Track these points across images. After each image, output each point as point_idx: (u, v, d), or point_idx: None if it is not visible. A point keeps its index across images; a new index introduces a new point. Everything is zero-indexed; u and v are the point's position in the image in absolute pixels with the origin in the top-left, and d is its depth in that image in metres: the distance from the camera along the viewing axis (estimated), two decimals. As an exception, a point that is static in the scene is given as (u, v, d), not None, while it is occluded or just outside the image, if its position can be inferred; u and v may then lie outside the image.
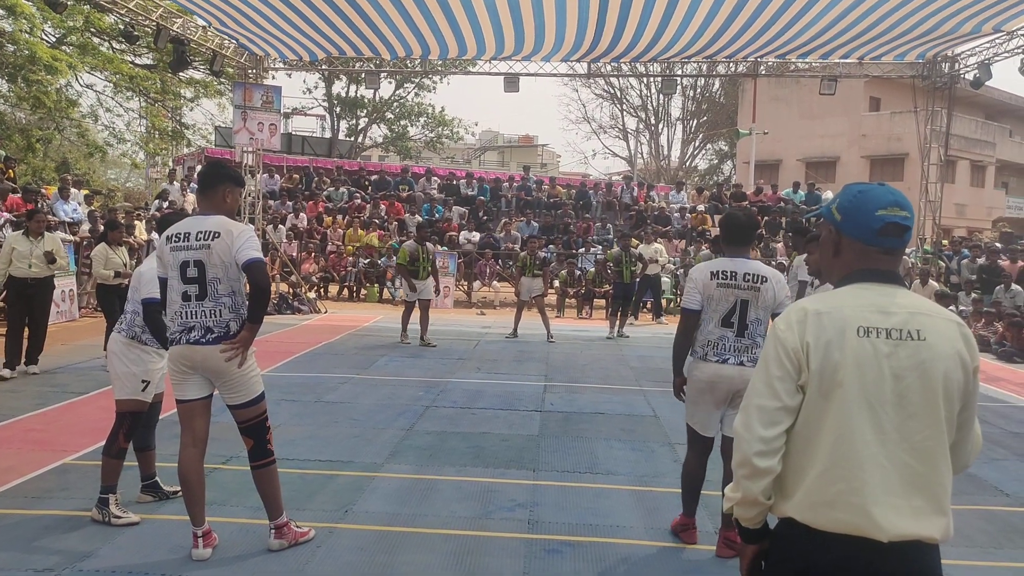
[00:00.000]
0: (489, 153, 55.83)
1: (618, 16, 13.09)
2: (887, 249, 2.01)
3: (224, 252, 3.94)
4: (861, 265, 2.03)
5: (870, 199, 2.02)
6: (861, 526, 1.86)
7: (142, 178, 34.22)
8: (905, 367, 1.90)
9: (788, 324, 1.99)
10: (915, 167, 22.86)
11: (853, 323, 1.92)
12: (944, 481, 1.92)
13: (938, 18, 12.96)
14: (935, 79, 17.13)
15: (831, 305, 1.97)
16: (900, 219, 1.99)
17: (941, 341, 1.93)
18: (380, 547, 4.35)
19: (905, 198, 2.04)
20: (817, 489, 1.91)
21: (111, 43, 24.61)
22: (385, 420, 7.15)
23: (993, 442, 7.11)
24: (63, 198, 15.06)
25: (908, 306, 1.96)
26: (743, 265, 4.26)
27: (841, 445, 1.90)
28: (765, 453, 1.93)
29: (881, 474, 1.87)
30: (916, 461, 1.89)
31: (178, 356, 4.03)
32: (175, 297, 4.01)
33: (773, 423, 1.94)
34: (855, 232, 2.03)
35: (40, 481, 5.24)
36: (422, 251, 11.70)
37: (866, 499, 1.86)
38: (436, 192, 22.32)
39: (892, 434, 1.89)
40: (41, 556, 4.07)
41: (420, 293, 11.71)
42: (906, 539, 1.86)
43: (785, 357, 1.95)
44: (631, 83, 41.86)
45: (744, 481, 1.97)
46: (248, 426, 4.15)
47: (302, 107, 37.86)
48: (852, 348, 1.90)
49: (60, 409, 7.21)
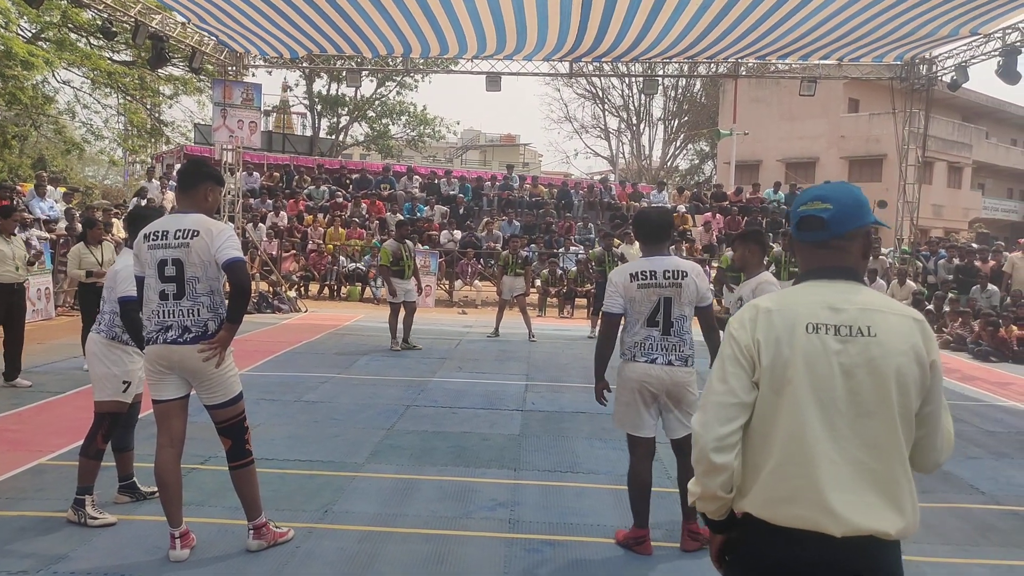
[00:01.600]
0: (471, 152, 55.80)
1: (601, 16, 13.11)
2: (815, 243, 2.04)
3: (203, 251, 3.90)
4: (808, 263, 2.07)
5: (799, 199, 2.11)
6: (814, 521, 1.88)
7: (120, 176, 33.89)
8: (855, 363, 1.91)
9: (741, 323, 2.02)
10: (893, 168, 23.08)
11: (802, 320, 1.95)
12: (899, 478, 1.93)
13: (917, 22, 13.09)
14: (913, 81, 17.31)
15: (783, 303, 2.00)
16: (815, 211, 2.02)
17: (893, 337, 1.93)
18: (360, 547, 4.33)
19: (836, 191, 2.05)
20: (771, 485, 1.93)
21: (89, 39, 24.37)
22: (366, 420, 7.12)
23: (968, 440, 7.19)
24: (39, 195, 14.89)
25: (860, 303, 1.97)
26: (661, 263, 4.25)
27: (793, 441, 1.92)
28: (721, 449, 1.95)
29: (833, 470, 1.89)
30: (869, 457, 1.90)
31: (155, 356, 3.99)
32: (152, 296, 3.96)
33: (729, 419, 1.96)
34: (793, 231, 2.12)
35: (15, 482, 5.18)
36: (404, 249, 11.24)
37: (819, 494, 1.88)
38: (418, 191, 22.27)
39: (844, 430, 1.90)
40: (16, 558, 4.02)
41: (406, 294, 11.23)
42: (860, 534, 1.87)
43: (739, 354, 1.98)
44: (613, 83, 42.01)
45: (702, 477, 2.00)
46: (226, 426, 4.11)
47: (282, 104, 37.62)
48: (801, 345, 1.93)
49: (36, 408, 7.13)
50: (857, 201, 2.04)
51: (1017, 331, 12.71)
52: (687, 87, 42.42)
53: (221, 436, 4.15)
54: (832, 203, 2.01)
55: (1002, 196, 43.56)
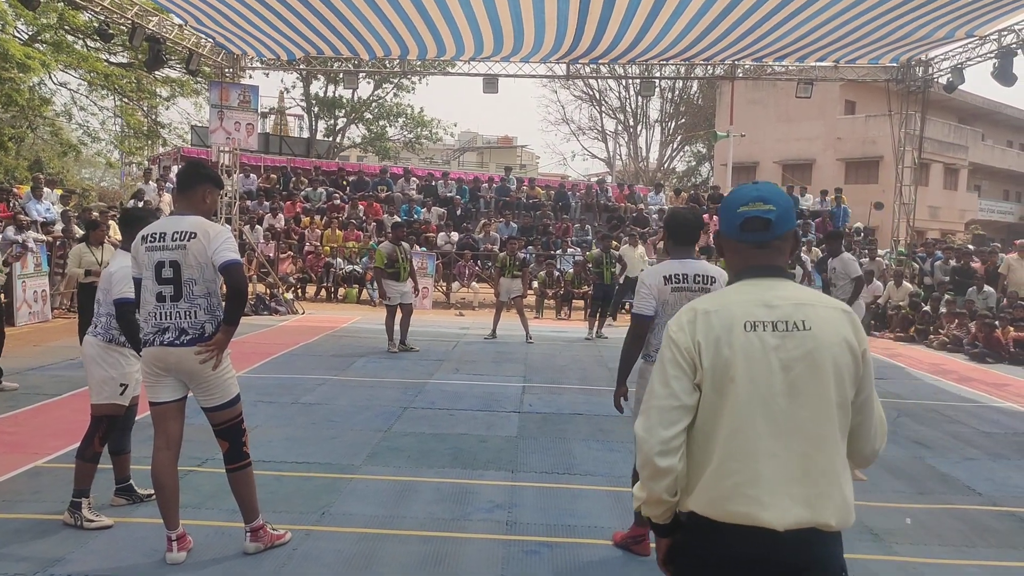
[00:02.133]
0: (468, 154, 55.82)
1: (599, 17, 13.12)
2: (757, 243, 2.07)
3: (200, 253, 3.89)
4: (744, 263, 2.09)
5: (735, 198, 2.10)
6: (757, 517, 1.90)
7: (117, 178, 33.84)
8: (793, 358, 1.94)
9: (680, 325, 2.03)
10: (889, 170, 23.13)
11: (740, 319, 1.97)
12: (839, 468, 1.96)
13: (913, 24, 13.12)
14: (909, 83, 17.36)
15: (719, 304, 2.03)
16: (760, 212, 2.04)
17: (826, 329, 1.97)
18: (358, 549, 4.32)
19: (775, 193, 2.08)
20: (714, 483, 1.95)
21: (85, 41, 24.34)
22: (363, 422, 7.11)
23: (965, 442, 7.20)
24: (36, 197, 14.85)
25: (792, 298, 2.01)
26: (692, 267, 4.21)
27: (735, 439, 1.94)
28: (665, 453, 1.96)
29: (775, 464, 1.91)
30: (810, 449, 1.93)
31: (152, 358, 3.98)
32: (149, 298, 3.95)
33: (672, 423, 1.97)
34: (726, 232, 2.12)
35: (11, 484, 5.17)
36: (400, 251, 11.18)
37: (760, 490, 1.90)
38: (415, 193, 22.27)
39: (785, 424, 1.93)
40: (12, 561, 4.01)
41: (402, 297, 11.17)
42: (802, 527, 1.90)
43: (680, 357, 1.99)
44: (610, 85, 42.07)
45: (648, 481, 2.00)
46: (223, 428, 4.11)
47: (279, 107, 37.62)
48: (740, 344, 1.95)
49: (32, 411, 7.11)
50: (791, 203, 2.13)
51: (1013, 332, 12.73)
52: (684, 89, 42.47)
53: (218, 438, 4.14)
54: (775, 205, 2.05)
55: (998, 198, 43.66)
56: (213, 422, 4.12)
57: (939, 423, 7.83)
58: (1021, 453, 6.92)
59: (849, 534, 4.75)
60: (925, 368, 11.57)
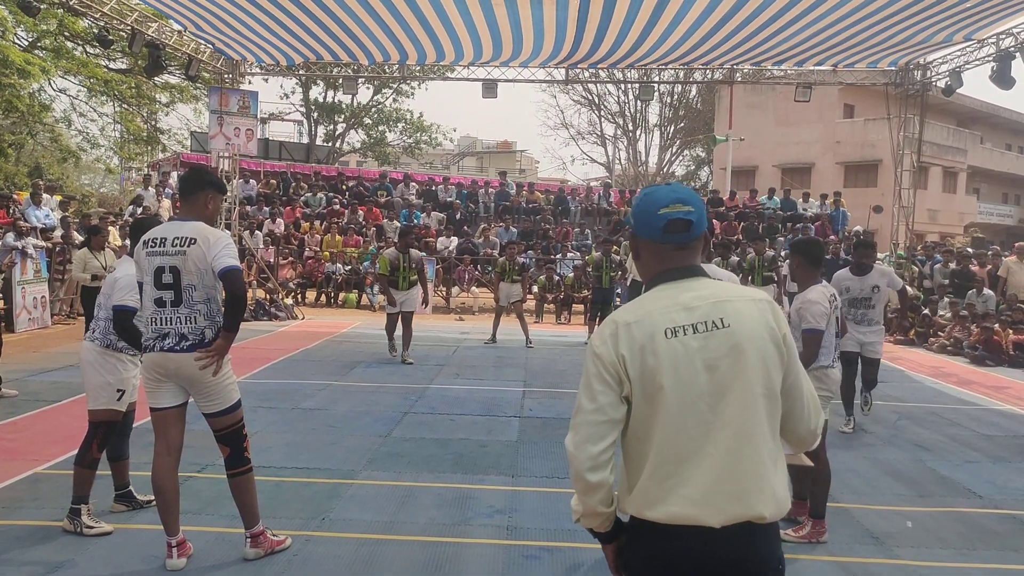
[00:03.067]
0: (468, 159, 55.83)
1: (598, 23, 13.14)
2: (677, 245, 2.08)
3: (199, 259, 3.88)
4: (660, 266, 2.10)
5: (654, 199, 2.09)
6: (692, 516, 1.93)
7: (116, 183, 33.86)
8: (716, 356, 1.96)
9: (602, 339, 2.04)
10: (888, 173, 23.14)
11: (660, 326, 1.98)
12: (768, 460, 1.98)
13: (912, 29, 13.14)
14: (907, 86, 17.37)
15: (639, 314, 2.03)
16: (682, 214, 2.05)
17: (746, 322, 2.00)
18: (358, 555, 4.32)
19: (691, 194, 2.10)
20: (651, 487, 1.98)
21: (85, 47, 24.37)
22: (363, 427, 7.11)
23: (966, 444, 7.19)
24: (35, 203, 14.86)
25: (710, 296, 2.02)
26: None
27: (667, 443, 1.96)
28: (595, 468, 1.98)
29: (707, 463, 1.94)
30: (739, 445, 1.95)
31: (152, 364, 3.98)
32: (148, 303, 3.97)
33: (600, 437, 1.99)
34: (645, 233, 2.11)
35: (10, 491, 5.16)
36: (403, 260, 10.65)
37: (693, 490, 1.93)
38: (414, 198, 22.28)
39: (713, 423, 1.95)
40: (12, 567, 4.01)
41: (402, 304, 10.71)
42: (738, 521, 1.93)
43: (604, 371, 2.00)
44: (609, 89, 42.10)
45: (581, 496, 2.03)
46: (224, 434, 4.11)
47: (279, 112, 37.68)
48: (664, 351, 1.96)
49: (32, 417, 7.11)
50: (704, 204, 2.15)
51: (1013, 336, 12.72)
52: (683, 93, 42.54)
53: (219, 444, 4.14)
54: (693, 206, 2.07)
55: (997, 201, 43.69)
56: (214, 428, 4.12)
57: (939, 426, 7.83)
58: (1021, 456, 6.92)
59: (850, 537, 4.79)
60: (925, 371, 11.56)
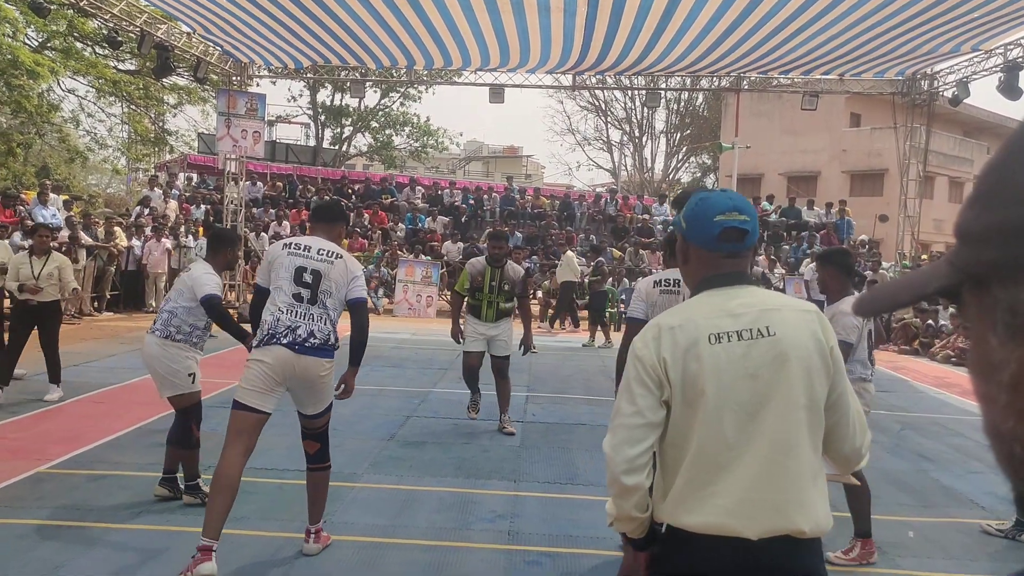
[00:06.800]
0: (474, 163, 55.90)
1: (605, 31, 13.17)
2: (729, 253, 2.05)
3: (342, 273, 4.11)
4: (708, 271, 2.07)
5: (709, 205, 2.06)
6: (728, 526, 1.89)
7: (123, 184, 33.98)
8: (760, 365, 1.93)
9: (645, 342, 2.01)
10: (894, 183, 23.09)
11: (704, 331, 1.96)
12: (810, 473, 1.94)
13: (919, 40, 13.13)
14: (914, 96, 17.35)
15: (683, 318, 2.01)
16: (738, 223, 2.02)
17: (792, 332, 1.96)
18: (359, 558, 4.32)
19: (746, 203, 2.08)
20: (687, 495, 1.95)
21: (94, 48, 24.48)
22: (366, 430, 7.11)
23: (969, 455, 7.17)
24: (42, 203, 14.93)
25: (756, 304, 2.00)
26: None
27: (705, 451, 1.93)
28: (631, 471, 1.96)
29: (745, 473, 1.91)
30: (779, 455, 1.92)
31: (277, 363, 3.96)
32: (284, 297, 4.02)
33: (638, 440, 1.96)
34: (698, 239, 2.07)
35: (14, 490, 5.17)
36: (490, 275, 7.23)
37: (731, 500, 1.90)
38: (420, 202, 22.31)
39: (753, 432, 1.92)
40: (15, 565, 4.02)
41: (490, 344, 7.36)
42: (775, 534, 1.88)
43: (645, 375, 1.98)
44: (616, 96, 42.08)
45: (616, 499, 2.01)
46: (319, 432, 4.29)
47: (286, 115, 37.79)
48: (707, 357, 1.93)
49: (35, 417, 7.12)
50: (757, 212, 2.14)
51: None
52: (689, 100, 42.54)
53: (309, 441, 4.31)
54: (749, 215, 2.05)
55: (1004, 211, 43.54)
56: (310, 427, 4.27)
57: (942, 436, 7.81)
58: (1025, 468, 6.89)
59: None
60: (929, 381, 11.54)
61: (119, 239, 15.68)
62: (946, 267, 0.67)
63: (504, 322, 7.37)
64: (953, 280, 0.66)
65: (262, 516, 4.83)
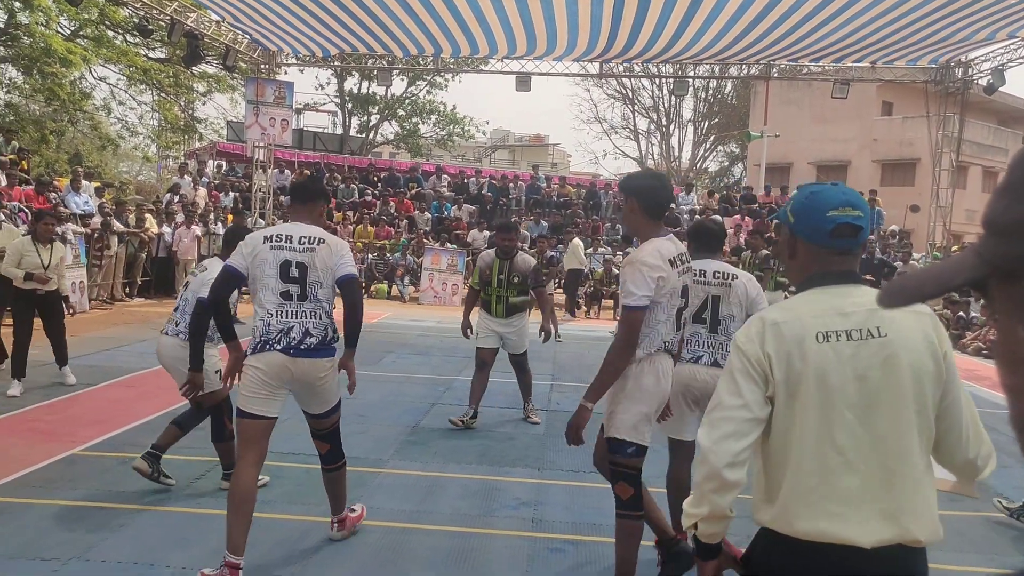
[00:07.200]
0: (500, 152, 55.84)
1: (633, 19, 13.07)
2: (841, 250, 1.97)
3: (328, 259, 3.88)
4: (817, 268, 1.99)
5: (822, 200, 1.98)
6: (841, 533, 1.81)
7: (153, 171, 34.37)
8: (869, 366, 1.86)
9: (749, 336, 1.95)
10: (926, 172, 22.77)
11: (812, 329, 1.89)
12: (922, 480, 1.87)
13: (954, 27, 12.91)
14: (948, 84, 17.08)
15: (789, 314, 1.94)
16: (852, 219, 1.95)
17: (904, 334, 1.89)
18: (385, 543, 4.36)
19: (859, 198, 2.01)
20: (794, 498, 1.87)
21: (125, 36, 24.74)
22: (392, 417, 7.16)
23: (999, 449, 7.01)
24: (74, 190, 15.13)
25: (867, 304, 1.91)
26: (711, 264, 4.27)
27: (812, 453, 1.86)
28: (735, 465, 1.88)
29: (856, 478, 1.84)
30: (891, 461, 1.85)
31: (275, 370, 3.82)
32: (271, 297, 3.83)
33: (743, 435, 1.89)
34: (808, 234, 1.99)
35: (47, 471, 5.27)
36: (499, 268, 6.92)
37: (843, 505, 1.83)
38: (446, 190, 22.35)
39: (863, 436, 1.85)
40: (48, 545, 4.10)
41: (502, 340, 7.07)
42: (890, 543, 1.82)
43: (751, 368, 1.92)
44: (643, 84, 41.81)
45: (712, 495, 1.91)
46: (328, 432, 4.21)
47: (314, 103, 37.97)
48: (813, 355, 1.87)
49: (67, 400, 7.25)
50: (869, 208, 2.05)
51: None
52: (718, 88, 42.16)
53: (320, 441, 4.24)
54: (863, 211, 1.97)
55: (1039, 202, 42.75)
56: (318, 427, 4.20)
57: (973, 430, 7.70)
58: (1058, 462, 6.80)
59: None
60: (959, 374, 11.39)
61: (150, 226, 15.87)
62: (973, 259, 0.66)
63: (517, 318, 7.07)
64: (980, 272, 0.65)
65: (289, 500, 4.90)
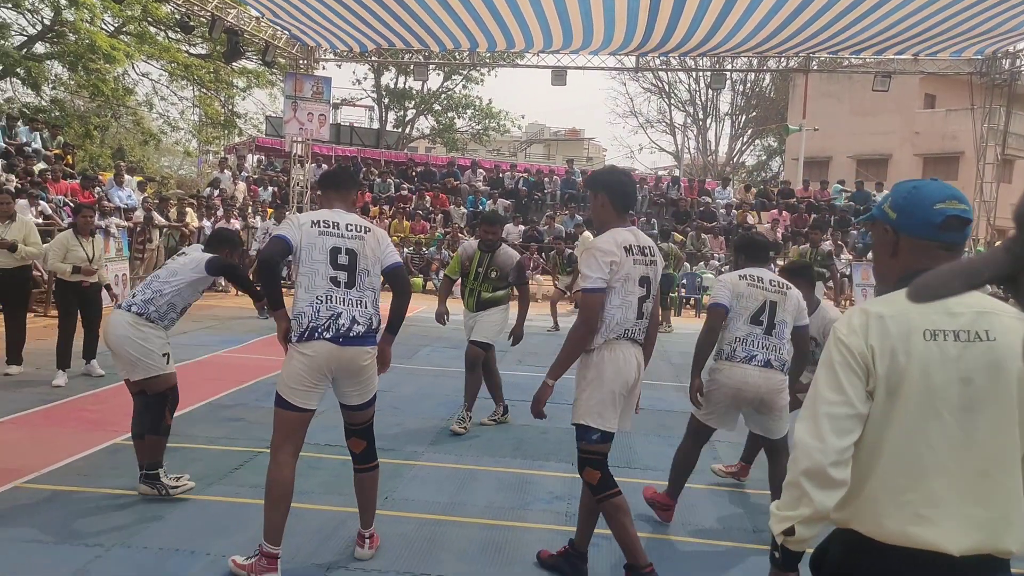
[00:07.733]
0: (535, 146, 55.75)
1: (671, 11, 12.99)
2: (948, 244, 1.89)
3: (375, 247, 3.87)
4: (922, 264, 1.83)
5: (926, 194, 1.91)
6: (931, 539, 1.75)
7: (194, 166, 34.90)
8: (974, 369, 1.79)
9: (851, 328, 1.86)
10: (970, 166, 22.32)
11: (919, 326, 1.81)
12: (1018, 488, 1.80)
13: (1000, 17, 12.63)
14: (994, 76, 16.72)
15: (895, 308, 1.84)
16: (960, 212, 1.87)
17: (1012, 340, 1.81)
18: (419, 534, 4.42)
19: (961, 193, 1.95)
20: (882, 500, 1.81)
21: (167, 33, 25.15)
22: (426, 410, 7.22)
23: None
24: (118, 184, 15.45)
25: (974, 305, 1.83)
26: (766, 273, 4.57)
27: (904, 454, 1.80)
28: (840, 463, 1.80)
29: (950, 483, 1.77)
30: (989, 468, 1.78)
31: (324, 356, 3.75)
32: (321, 282, 3.74)
33: (846, 432, 1.81)
34: (913, 229, 1.90)
35: (92, 460, 5.41)
36: (478, 261, 6.75)
37: (935, 510, 1.76)
38: (481, 184, 22.40)
39: (961, 440, 1.78)
40: (92, 532, 4.21)
41: (471, 331, 6.81)
42: (980, 553, 1.76)
43: (853, 361, 1.83)
44: (680, 77, 41.53)
45: (817, 493, 1.80)
46: (364, 427, 4.12)
47: (351, 97, 38.22)
48: (919, 352, 1.80)
49: (112, 391, 7.40)
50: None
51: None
52: (756, 81, 41.68)
53: (355, 439, 4.11)
54: (967, 204, 1.91)
55: (1088, 196, 41.67)
56: (356, 421, 4.08)
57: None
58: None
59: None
60: None
61: (191, 220, 16.14)
62: (1003, 254, 0.66)
63: (487, 312, 6.77)
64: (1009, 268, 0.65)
65: (326, 490, 4.97)
